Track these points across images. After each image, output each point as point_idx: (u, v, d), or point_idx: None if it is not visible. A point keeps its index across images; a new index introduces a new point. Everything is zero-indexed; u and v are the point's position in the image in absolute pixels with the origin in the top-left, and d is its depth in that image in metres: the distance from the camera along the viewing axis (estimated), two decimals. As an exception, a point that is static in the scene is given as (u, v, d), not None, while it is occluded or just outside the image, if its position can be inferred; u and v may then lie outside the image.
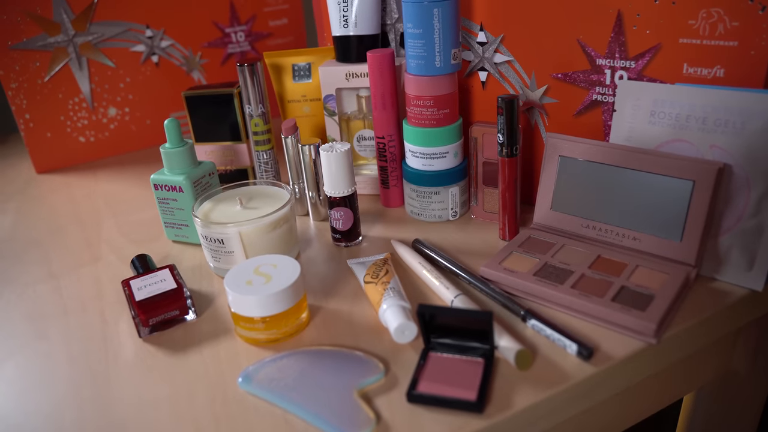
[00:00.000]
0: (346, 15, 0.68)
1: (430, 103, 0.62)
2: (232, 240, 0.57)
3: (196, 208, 0.61)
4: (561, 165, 0.61)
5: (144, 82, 0.96)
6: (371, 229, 0.67)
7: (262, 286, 0.50)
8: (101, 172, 0.93)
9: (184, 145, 0.65)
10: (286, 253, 0.61)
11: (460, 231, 0.66)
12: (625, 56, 0.57)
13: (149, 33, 0.94)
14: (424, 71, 0.61)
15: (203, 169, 0.66)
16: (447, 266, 0.57)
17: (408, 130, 0.65)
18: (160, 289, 0.55)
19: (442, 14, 0.59)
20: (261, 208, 0.61)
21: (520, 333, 0.49)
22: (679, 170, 0.54)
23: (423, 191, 0.66)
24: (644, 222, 0.57)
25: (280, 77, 0.75)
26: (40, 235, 0.75)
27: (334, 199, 0.62)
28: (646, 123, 0.57)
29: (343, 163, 0.60)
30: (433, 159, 0.65)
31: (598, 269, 0.55)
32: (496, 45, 0.64)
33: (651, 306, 0.49)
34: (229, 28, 0.99)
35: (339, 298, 0.56)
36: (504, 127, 0.58)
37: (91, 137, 0.95)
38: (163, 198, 0.66)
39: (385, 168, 0.70)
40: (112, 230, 0.74)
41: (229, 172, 0.77)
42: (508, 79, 0.65)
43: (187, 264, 0.64)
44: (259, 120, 0.72)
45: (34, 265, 0.68)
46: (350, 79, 0.69)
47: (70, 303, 0.59)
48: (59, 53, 0.89)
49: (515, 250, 0.58)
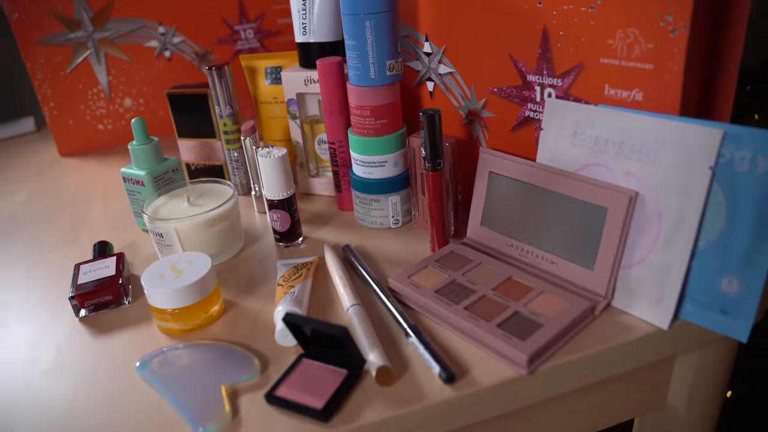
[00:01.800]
0: (305, 22, 0.71)
1: (368, 113, 0.64)
2: (170, 235, 0.62)
3: (149, 203, 0.66)
4: (491, 181, 0.61)
5: (157, 76, 1.03)
6: (317, 231, 0.70)
7: (172, 280, 0.54)
8: (113, 158, 1.01)
9: (149, 143, 0.70)
10: (226, 250, 0.65)
11: (397, 239, 0.67)
12: (552, 73, 0.56)
13: (162, 30, 1.00)
14: (361, 81, 0.63)
15: (167, 165, 0.71)
16: (362, 275, 0.59)
17: (352, 138, 0.67)
18: (101, 275, 0.60)
19: (375, 26, 0.60)
20: (206, 206, 0.65)
21: (401, 349, 0.50)
22: (594, 196, 0.53)
23: (365, 198, 0.68)
24: (562, 246, 0.56)
25: (255, 79, 0.79)
26: (40, 214, 0.83)
27: (272, 202, 0.65)
28: (569, 144, 0.56)
29: (279, 167, 0.63)
30: (373, 167, 0.66)
31: (501, 292, 0.55)
32: (440, 56, 0.64)
33: (533, 335, 0.49)
34: (238, 25, 1.04)
35: (255, 297, 0.59)
36: (426, 141, 0.59)
37: (108, 125, 1.04)
38: (131, 190, 0.72)
39: (337, 173, 0.72)
40: (98, 215, 0.81)
41: (207, 168, 0.82)
42: (451, 91, 0.65)
43: (145, 253, 0.70)
44: (228, 120, 0.76)
45: (23, 242, 0.76)
46: (309, 84, 0.72)
47: (36, 280, 0.67)
48: (79, 48, 0.97)
49: (431, 264, 0.59)
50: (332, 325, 0.46)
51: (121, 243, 0.72)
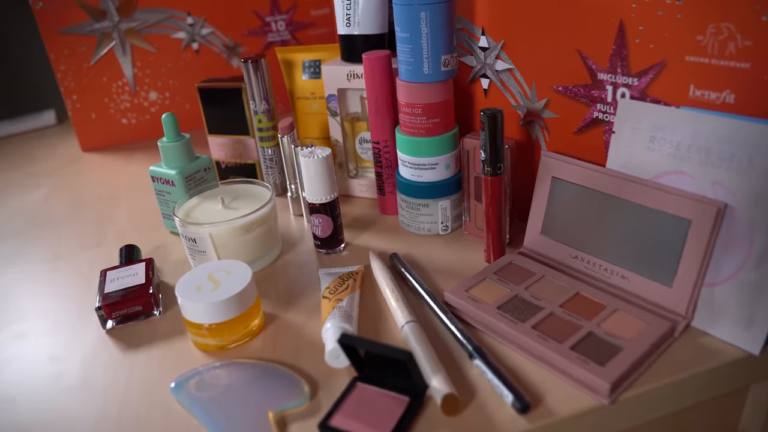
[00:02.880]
0: (349, 13, 0.66)
1: (419, 111, 0.59)
2: (204, 240, 0.58)
3: (180, 205, 0.62)
4: (553, 187, 0.56)
5: (184, 68, 0.98)
6: (359, 236, 0.65)
7: (209, 293, 0.50)
8: (137, 154, 0.97)
9: (180, 140, 0.66)
10: (263, 256, 0.61)
11: (447, 247, 0.62)
12: (627, 72, 0.51)
13: (190, 20, 0.96)
14: (413, 77, 0.58)
15: (198, 164, 0.67)
16: (414, 287, 0.55)
17: (399, 138, 0.62)
18: (129, 284, 0.56)
19: (431, 18, 0.55)
20: (242, 209, 0.61)
21: (465, 372, 0.46)
22: (675, 206, 0.48)
23: (412, 202, 0.63)
24: (635, 260, 0.51)
25: (291, 73, 0.74)
26: (62, 213, 0.79)
27: (313, 206, 0.61)
28: (644, 149, 0.50)
29: (322, 169, 0.59)
30: (422, 170, 0.61)
31: (570, 309, 0.50)
32: (497, 51, 0.59)
33: (613, 360, 0.44)
34: (269, 17, 0.99)
35: (297, 309, 0.55)
36: (486, 143, 0.54)
37: (132, 119, 0.99)
38: (159, 190, 0.67)
39: (380, 174, 0.67)
40: (123, 215, 0.77)
41: (239, 166, 0.78)
42: (509, 89, 0.60)
43: (175, 257, 0.66)
44: (263, 117, 0.71)
45: (45, 244, 0.72)
46: (352, 79, 0.67)
47: (59, 287, 0.63)
48: (104, 38, 0.93)
49: (489, 277, 0.55)
50: (395, 349, 0.41)
51: (149, 246, 0.68)
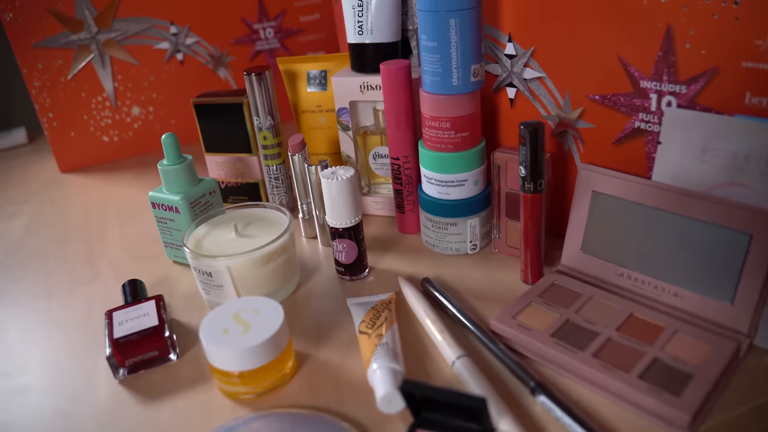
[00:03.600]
0: (361, 21, 0.62)
1: (447, 125, 0.55)
2: (220, 274, 0.53)
3: (189, 234, 0.57)
4: (594, 202, 0.53)
5: (168, 81, 0.93)
6: (381, 260, 0.61)
7: (239, 336, 0.45)
8: (121, 174, 0.90)
9: (183, 162, 0.60)
10: (283, 287, 0.56)
11: (478, 268, 0.59)
12: (674, 79, 0.48)
13: (174, 30, 0.90)
14: (440, 89, 0.54)
15: (203, 188, 0.62)
16: (455, 316, 0.51)
17: (423, 153, 0.58)
18: (141, 326, 0.51)
19: (461, 25, 0.51)
20: (257, 236, 0.56)
21: (529, 409, 0.42)
22: (733, 220, 0.45)
23: (439, 221, 0.59)
24: (689, 277, 0.48)
25: (295, 85, 0.70)
26: (48, 243, 0.73)
27: (336, 230, 0.56)
28: (696, 160, 0.48)
29: (346, 191, 0.54)
30: (450, 187, 0.58)
31: (628, 333, 0.47)
32: (526, 59, 0.56)
33: (688, 388, 0.41)
34: (257, 24, 0.94)
35: (331, 345, 0.50)
36: (527, 159, 0.50)
37: (114, 137, 0.93)
38: (161, 217, 0.62)
39: (400, 192, 0.63)
40: (116, 243, 0.71)
41: (240, 186, 0.73)
42: (539, 98, 0.57)
43: (182, 290, 0.60)
44: (268, 133, 0.67)
45: (34, 280, 0.65)
46: (365, 91, 0.63)
47: (57, 330, 0.57)
48: (82, 51, 0.87)
49: (534, 301, 0.51)
50: (469, 396, 0.37)
51: (151, 279, 0.63)
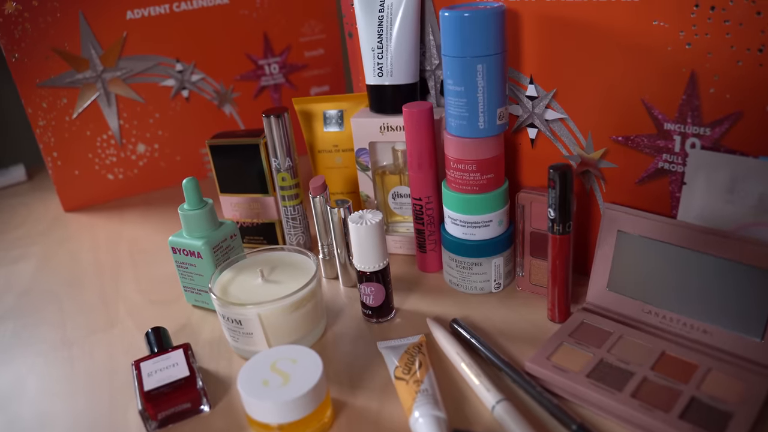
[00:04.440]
0: (381, 63, 0.62)
1: (473, 167, 0.56)
2: (251, 322, 0.52)
3: (214, 281, 0.56)
4: (619, 241, 0.54)
5: (174, 118, 0.92)
6: (406, 300, 0.61)
7: (280, 388, 0.45)
8: (128, 213, 0.89)
9: (204, 207, 0.60)
10: (311, 332, 0.56)
11: (503, 306, 0.59)
12: (698, 122, 0.49)
13: (179, 67, 0.90)
14: (465, 132, 0.55)
15: (224, 232, 0.61)
16: (489, 357, 0.51)
17: (447, 195, 0.59)
18: (172, 377, 0.50)
19: (488, 71, 0.52)
20: (284, 282, 0.56)
21: (572, 454, 0.43)
22: (761, 259, 0.46)
23: (463, 262, 0.60)
24: (717, 314, 0.49)
25: (311, 125, 0.70)
26: (59, 287, 0.72)
27: (363, 274, 0.56)
28: (722, 200, 0.49)
29: (374, 235, 0.54)
30: (476, 228, 0.58)
31: (663, 372, 0.47)
32: (548, 100, 0.57)
33: (730, 428, 0.42)
34: (262, 59, 0.94)
35: (367, 391, 0.50)
36: (556, 201, 0.51)
37: (119, 174, 0.92)
38: (182, 262, 0.61)
39: (422, 231, 0.63)
40: (131, 286, 0.70)
41: (256, 226, 0.72)
42: (560, 138, 0.58)
43: (206, 336, 0.60)
44: (287, 174, 0.67)
45: (49, 327, 0.64)
46: (385, 132, 0.63)
47: (80, 381, 0.56)
48: (87, 89, 0.86)
49: (566, 341, 0.52)
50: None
51: (172, 325, 0.62)
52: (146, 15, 0.86)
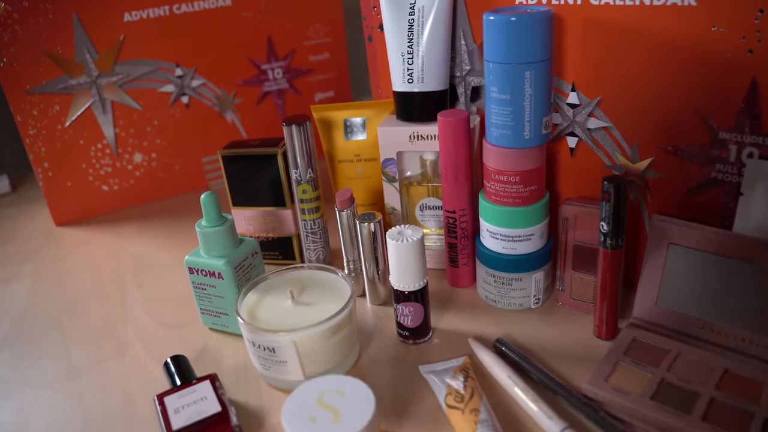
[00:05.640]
0: (411, 68, 0.59)
1: (516, 179, 0.53)
2: (285, 349, 0.48)
3: (240, 304, 0.52)
4: (670, 253, 0.51)
5: (173, 125, 0.87)
6: (441, 319, 0.58)
7: (330, 425, 0.41)
8: (125, 226, 0.84)
9: (224, 223, 0.56)
10: (347, 357, 0.52)
11: (544, 323, 0.56)
12: (757, 131, 0.47)
13: (179, 72, 0.85)
14: (510, 143, 0.52)
15: (245, 250, 0.57)
16: (542, 380, 0.48)
17: (486, 207, 0.56)
18: (201, 413, 0.46)
19: (536, 77, 0.49)
20: (316, 303, 0.52)
21: (648, 488, 0.40)
22: (828, 273, 0.44)
23: (502, 277, 0.57)
24: (779, 329, 0.47)
25: (330, 134, 0.66)
26: (59, 310, 0.66)
27: (401, 293, 0.53)
28: (784, 212, 0.47)
29: (415, 253, 0.51)
30: (516, 242, 0.55)
31: (729, 391, 0.45)
32: (591, 108, 0.54)
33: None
34: (265, 64, 0.90)
35: (416, 422, 0.47)
36: (610, 215, 0.48)
37: (115, 186, 0.87)
38: (200, 283, 0.57)
39: (454, 245, 0.60)
40: (138, 308, 0.65)
41: (271, 240, 0.68)
42: (603, 147, 0.55)
43: (229, 363, 0.55)
44: (308, 187, 0.63)
45: (52, 355, 0.59)
46: (415, 141, 0.60)
47: (93, 417, 0.51)
48: (81, 96, 0.81)
49: (621, 360, 0.49)
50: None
51: (189, 350, 0.57)
52: (144, 17, 0.81)
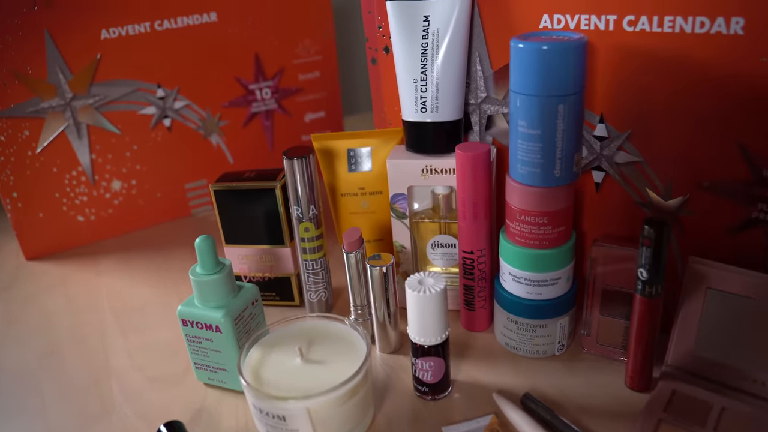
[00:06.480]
0: (424, 97, 0.54)
1: (544, 220, 0.49)
2: (297, 418, 0.43)
3: (243, 363, 0.47)
4: (708, 299, 0.48)
5: (154, 150, 0.81)
6: (459, 369, 0.54)
7: None
8: (104, 260, 0.78)
9: (221, 270, 0.50)
10: (363, 419, 0.47)
11: (571, 372, 0.52)
12: (806, 169, 0.44)
13: (161, 93, 0.79)
14: (537, 181, 0.48)
15: (245, 298, 0.52)
16: (579, 445, 0.44)
17: (508, 249, 0.52)
18: (205, 494, 0.41)
19: (568, 111, 0.45)
20: (328, 361, 0.47)
21: None
22: None
23: (526, 324, 0.53)
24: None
25: (332, 165, 0.61)
26: (33, 359, 0.60)
27: (420, 347, 0.48)
28: (836, 258, 0.43)
29: (437, 305, 0.47)
30: (543, 287, 0.51)
31: (786, 456, 0.42)
32: (621, 142, 0.51)
33: None
34: (253, 84, 0.85)
35: (444, 498, 0.42)
36: (650, 261, 0.44)
37: (91, 215, 0.80)
38: (195, 336, 0.52)
39: (471, 288, 0.56)
40: (122, 358, 0.59)
41: (267, 280, 0.63)
42: (632, 183, 0.52)
43: (229, 425, 0.50)
44: (310, 225, 0.58)
45: (27, 417, 0.53)
46: (428, 175, 0.55)
47: (80, 495, 0.45)
48: (54, 120, 0.74)
49: (663, 419, 0.45)
50: None
51: (183, 410, 0.52)
52: (123, 34, 0.75)
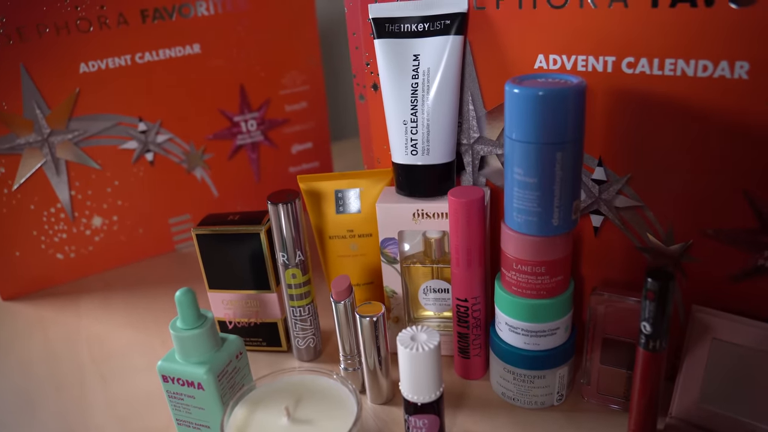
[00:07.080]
0: (415, 139, 0.52)
1: (541, 269, 0.47)
2: (284, 486, 0.41)
3: (227, 423, 0.44)
4: (714, 349, 0.46)
5: (136, 185, 0.79)
6: (454, 422, 0.51)
7: None
8: (84, 300, 0.75)
9: (202, 324, 0.48)
10: (352, 482, 0.45)
11: (572, 424, 0.50)
12: (814, 218, 0.42)
13: (143, 127, 0.77)
14: (534, 230, 0.46)
15: (228, 352, 0.49)
16: None
17: (504, 299, 0.49)
18: None
19: (566, 159, 0.43)
20: (317, 420, 0.45)
21: None
22: None
23: (523, 375, 0.50)
24: None
25: (319, 207, 0.59)
26: (8, 411, 0.57)
27: (413, 405, 0.46)
28: None
29: (431, 361, 0.44)
30: (540, 337, 0.49)
31: None
32: (620, 186, 0.49)
33: None
34: (238, 116, 0.82)
35: None
36: (654, 315, 0.42)
37: (71, 253, 0.77)
38: (176, 392, 0.49)
39: (465, 336, 0.54)
40: (102, 409, 0.56)
41: (252, 326, 0.60)
42: (632, 228, 0.50)
43: (212, 488, 0.47)
44: (297, 271, 0.55)
45: (-2, 482, 0.50)
46: (419, 220, 0.53)
47: None
48: (31, 156, 0.72)
49: (671, 480, 0.43)
50: None
51: (164, 469, 0.49)
52: (103, 67, 0.72)
